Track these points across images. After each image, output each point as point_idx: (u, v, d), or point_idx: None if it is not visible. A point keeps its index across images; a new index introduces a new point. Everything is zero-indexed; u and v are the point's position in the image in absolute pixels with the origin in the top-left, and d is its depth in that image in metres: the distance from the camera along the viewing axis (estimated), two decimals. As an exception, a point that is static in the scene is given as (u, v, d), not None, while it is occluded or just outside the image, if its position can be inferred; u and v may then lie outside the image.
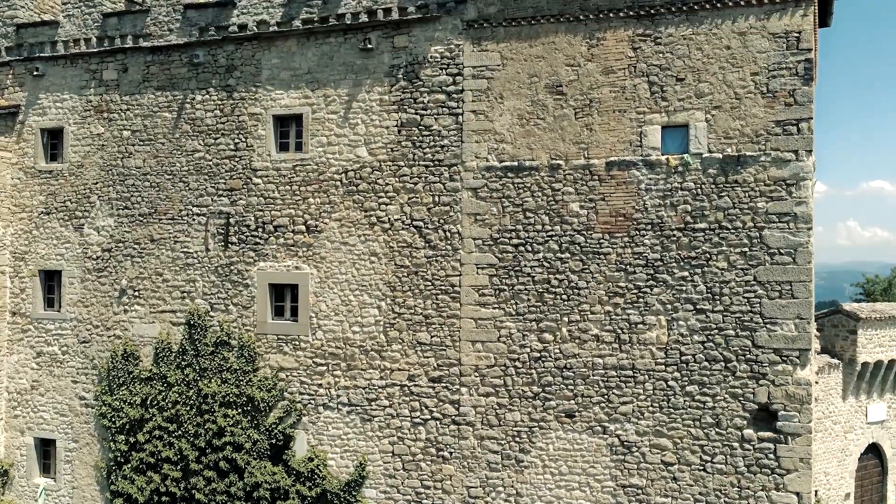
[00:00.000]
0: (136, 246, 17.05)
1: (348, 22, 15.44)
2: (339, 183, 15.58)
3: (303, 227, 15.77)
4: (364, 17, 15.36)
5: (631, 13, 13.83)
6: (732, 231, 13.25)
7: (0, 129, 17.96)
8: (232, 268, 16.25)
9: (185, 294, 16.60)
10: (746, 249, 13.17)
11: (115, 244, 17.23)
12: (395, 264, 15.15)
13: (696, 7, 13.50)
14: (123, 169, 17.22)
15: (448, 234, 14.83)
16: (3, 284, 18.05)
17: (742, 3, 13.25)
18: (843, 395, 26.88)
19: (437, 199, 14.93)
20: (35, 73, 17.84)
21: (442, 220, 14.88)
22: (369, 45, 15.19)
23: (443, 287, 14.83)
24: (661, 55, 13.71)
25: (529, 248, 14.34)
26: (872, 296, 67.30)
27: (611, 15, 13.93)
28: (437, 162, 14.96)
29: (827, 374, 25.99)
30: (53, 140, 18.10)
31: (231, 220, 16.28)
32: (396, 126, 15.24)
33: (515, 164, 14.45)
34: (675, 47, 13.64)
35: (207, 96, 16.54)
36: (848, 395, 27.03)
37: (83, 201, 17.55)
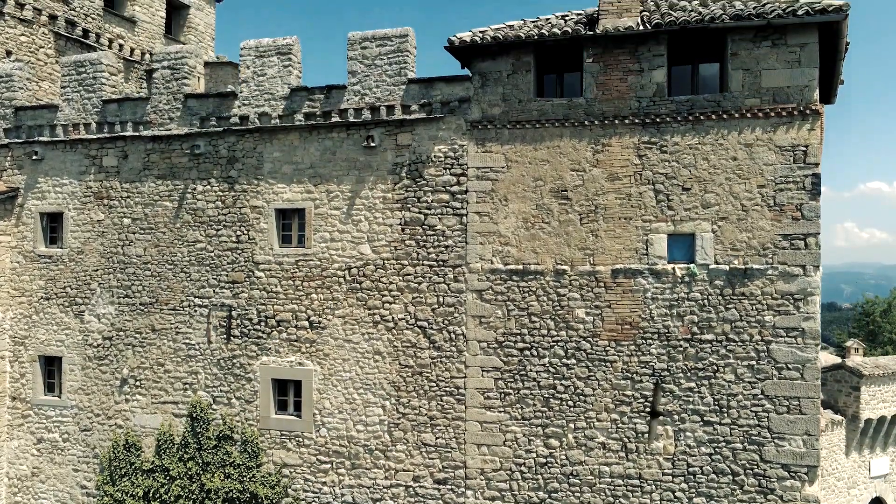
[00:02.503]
0: (137, 335, 16.92)
1: (351, 118, 15.34)
2: (342, 279, 15.47)
3: (306, 323, 15.66)
4: (367, 114, 15.26)
5: (636, 120, 13.75)
6: (740, 344, 13.18)
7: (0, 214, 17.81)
8: (234, 361, 16.13)
9: (187, 386, 16.48)
10: (754, 363, 13.10)
11: (116, 332, 17.09)
12: (400, 364, 15.05)
13: (701, 117, 13.43)
14: (124, 257, 17.08)
15: (453, 335, 14.73)
16: (3, 369, 17.90)
17: (748, 114, 13.19)
18: (846, 450, 26.92)
19: (441, 299, 14.83)
20: (34, 156, 17.70)
21: (447, 322, 14.78)
22: (372, 143, 15.09)
23: (448, 388, 14.74)
24: (666, 164, 13.64)
25: (535, 353, 14.25)
26: (872, 316, 67.49)
27: (616, 122, 13.85)
28: (441, 262, 14.86)
29: (830, 430, 26.02)
30: (53, 224, 17.96)
31: (233, 313, 16.15)
32: (400, 224, 15.13)
33: (520, 267, 14.35)
34: (681, 156, 13.56)
35: (209, 187, 16.42)
36: (851, 451, 27.06)
37: (83, 288, 17.41)
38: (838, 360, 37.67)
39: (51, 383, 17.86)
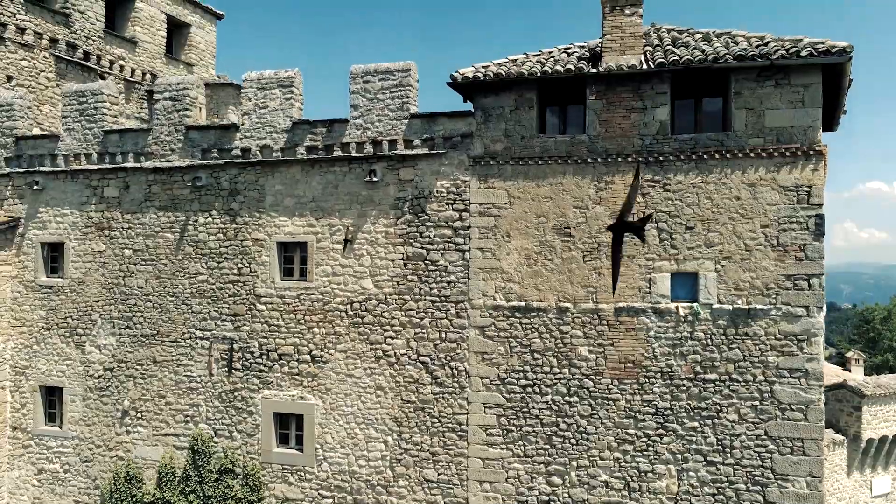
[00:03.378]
0: (138, 367, 16.87)
1: (353, 152, 15.31)
2: (344, 314, 15.44)
3: (308, 357, 15.62)
4: (369, 148, 15.24)
5: (640, 158, 13.72)
6: (743, 384, 13.14)
7: (0, 243, 17.75)
8: (236, 394, 16.09)
9: (188, 418, 16.43)
10: (757, 403, 13.07)
11: (118, 364, 17.05)
12: (402, 399, 15.01)
13: (705, 156, 13.40)
14: (125, 288, 17.04)
15: (455, 371, 14.70)
16: (4, 399, 17.86)
17: (752, 154, 13.16)
18: (847, 470, 26.86)
19: (443, 335, 14.80)
20: (35, 186, 17.66)
21: (449, 357, 14.74)
22: (374, 178, 15.06)
23: (450, 425, 14.70)
24: (669, 202, 13.61)
25: (537, 390, 14.22)
26: (872, 323, 67.52)
27: (619, 159, 13.82)
28: (443, 298, 14.82)
29: (832, 450, 25.95)
30: (54, 254, 17.92)
31: (235, 346, 16.11)
32: (402, 259, 15.10)
33: (523, 304, 14.32)
34: (684, 195, 13.54)
35: (210, 219, 16.38)
36: (853, 471, 27.01)
37: (84, 318, 17.37)
38: (838, 369, 37.72)
39: (52, 413, 17.82)
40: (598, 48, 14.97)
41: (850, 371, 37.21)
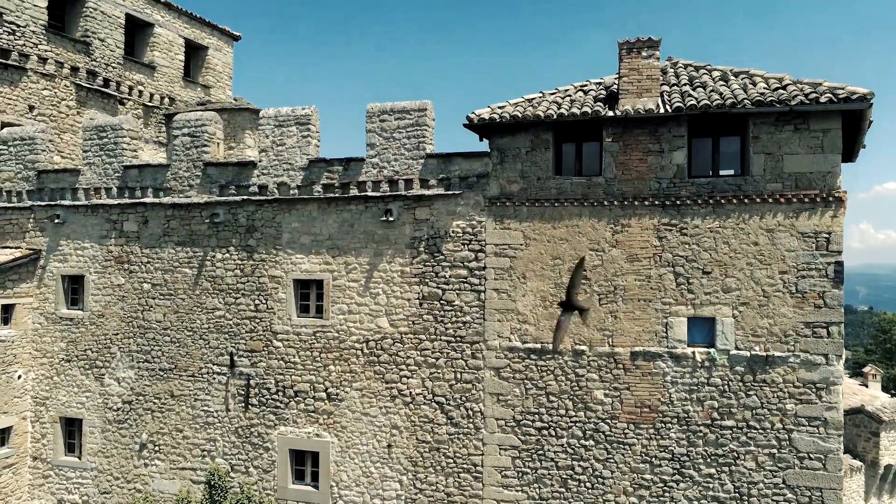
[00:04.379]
0: (156, 400, 17.05)
1: (369, 191, 15.38)
2: (360, 352, 15.50)
3: (324, 395, 15.70)
4: (385, 187, 15.30)
5: (656, 202, 13.66)
6: (761, 431, 13.04)
7: (22, 276, 18.01)
8: (252, 430, 16.20)
9: (205, 452, 16.57)
10: (775, 451, 12.96)
11: (136, 397, 17.23)
12: (417, 439, 15.04)
13: (722, 200, 13.32)
14: (144, 322, 17.22)
15: (470, 412, 14.71)
16: (25, 429, 18.11)
17: (770, 199, 13.06)
18: (865, 496, 26.53)
19: (459, 375, 14.82)
20: (56, 219, 17.90)
21: (464, 398, 14.76)
22: (391, 217, 15.11)
23: (465, 466, 14.71)
24: (687, 246, 13.54)
25: (553, 433, 14.19)
26: (889, 334, 66.69)
27: (635, 202, 13.78)
28: (458, 338, 14.84)
29: (849, 477, 25.65)
30: (74, 286, 18.15)
31: (251, 382, 16.23)
32: (418, 299, 15.14)
33: (538, 346, 14.30)
34: (702, 239, 13.46)
35: (228, 255, 16.52)
36: (870, 497, 26.66)
37: (104, 351, 17.58)
38: (855, 384, 37.20)
39: (71, 444, 18.04)
40: (615, 86, 14.96)
41: (867, 387, 36.78)
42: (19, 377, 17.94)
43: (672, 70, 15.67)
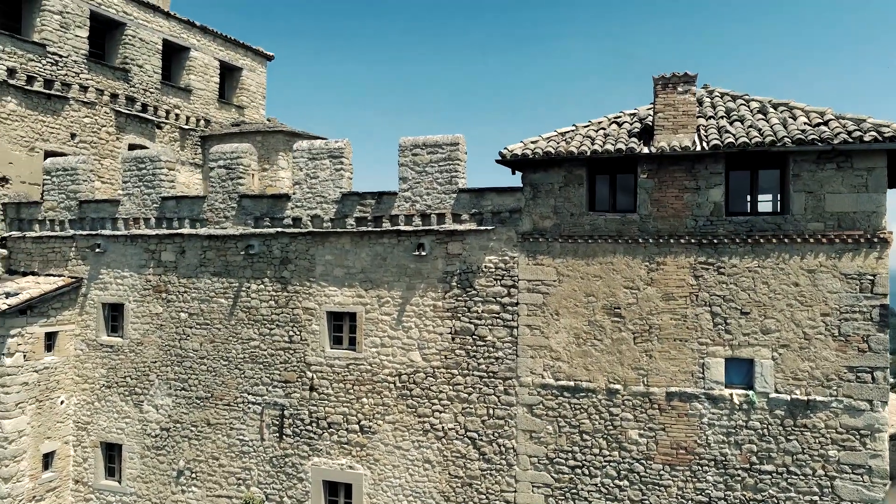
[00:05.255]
0: (193, 428, 17.34)
1: (401, 225, 15.42)
2: (392, 385, 15.55)
3: (356, 427, 15.79)
4: (417, 221, 15.32)
5: (692, 240, 13.43)
6: (801, 477, 12.72)
7: (65, 303, 18.49)
8: (286, 460, 16.37)
9: (240, 481, 16.80)
10: (817, 499, 12.64)
11: (174, 424, 17.55)
12: (449, 474, 15.03)
13: (761, 240, 13.03)
14: (181, 350, 17.54)
15: (503, 448, 14.64)
16: (67, 453, 18.58)
17: (811, 239, 12.74)
18: (910, 525, 25.61)
19: (491, 411, 14.77)
20: (97, 249, 18.32)
21: (497, 434, 14.70)
22: (423, 252, 15.12)
23: (497, 502, 14.64)
24: (724, 286, 13.28)
25: (586, 472, 14.05)
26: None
27: (671, 240, 13.56)
28: (491, 374, 14.79)
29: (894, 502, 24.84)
30: (114, 313, 18.56)
31: (285, 412, 16.40)
32: (450, 333, 15.13)
33: (572, 384, 14.18)
34: (740, 279, 13.19)
35: (262, 286, 16.73)
36: (916, 526, 25.73)
37: (143, 378, 17.95)
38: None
39: (111, 468, 18.46)
40: (649, 118, 14.76)
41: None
42: (62, 402, 18.42)
43: (708, 100, 15.40)
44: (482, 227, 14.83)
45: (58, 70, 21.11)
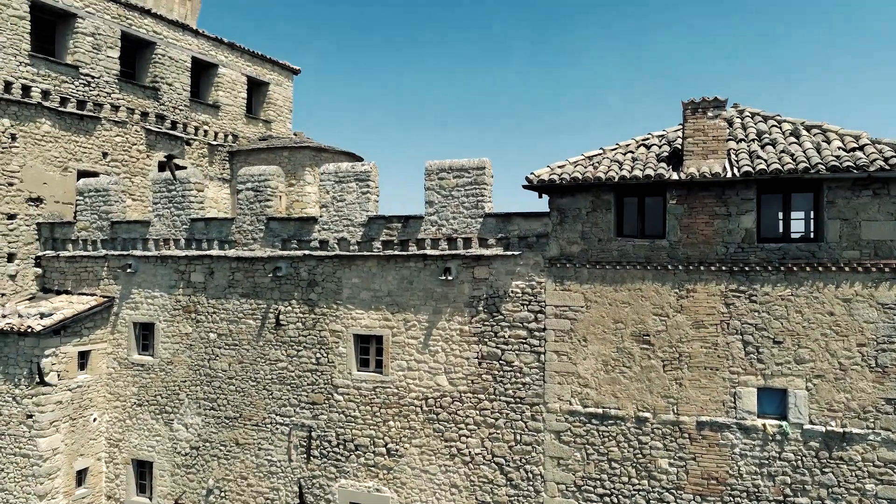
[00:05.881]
0: (222, 447, 17.53)
1: (428, 249, 15.42)
2: (419, 409, 15.56)
3: (383, 450, 15.83)
4: (444, 245, 15.31)
5: (723, 267, 13.22)
6: (837, 511, 12.45)
7: (97, 322, 18.82)
8: (314, 481, 16.47)
9: (269, 501, 16.94)
10: (853, 533, 12.36)
11: (203, 443, 17.77)
12: (476, 499, 14.99)
13: (794, 268, 12.78)
14: (210, 370, 17.75)
15: (530, 475, 14.56)
16: (100, 470, 18.92)
17: (846, 268, 12.46)
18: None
19: (518, 437, 14.70)
20: (128, 269, 18.62)
21: (524, 460, 14.62)
22: (449, 276, 15.11)
23: (525, 528, 14.57)
24: (756, 314, 13.05)
25: (615, 500, 13.91)
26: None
27: (701, 267, 13.37)
28: (518, 399, 14.72)
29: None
30: (145, 332, 18.85)
31: (313, 434, 16.51)
32: (477, 358, 15.09)
33: (600, 411, 14.05)
34: (772, 307, 12.95)
35: (290, 308, 16.85)
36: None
37: (173, 397, 18.20)
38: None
39: (143, 485, 18.75)
40: (678, 140, 14.57)
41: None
42: (94, 420, 18.75)
43: (739, 120, 15.16)
44: (509, 253, 14.76)
45: (90, 91, 21.50)
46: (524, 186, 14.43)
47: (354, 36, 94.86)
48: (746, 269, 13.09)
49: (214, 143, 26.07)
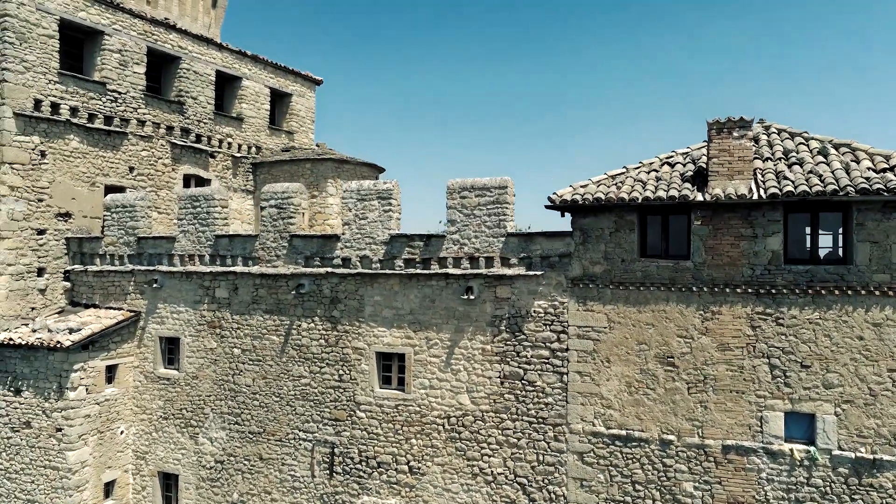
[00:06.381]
0: (246, 461, 17.71)
1: (450, 267, 15.43)
2: (441, 428, 15.58)
3: (405, 468, 15.87)
4: (466, 264, 15.31)
5: (749, 290, 13.05)
6: (867, 539, 12.23)
7: (124, 336, 19.12)
8: (337, 497, 16.56)
9: (292, 516, 17.08)
10: (883, 562, 12.13)
11: (227, 457, 17.96)
12: (499, 519, 14.98)
13: (822, 291, 12.58)
14: (234, 385, 17.94)
15: (553, 496, 14.51)
16: (126, 481, 19.21)
17: (877, 291, 12.24)
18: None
19: (541, 457, 14.65)
20: (154, 284, 18.89)
21: (546, 481, 14.57)
22: (471, 296, 15.10)
23: (547, 549, 14.52)
24: (783, 337, 12.87)
25: (639, 523, 13.80)
26: None
27: (726, 289, 13.21)
28: (540, 419, 14.67)
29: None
30: (171, 346, 19.10)
31: (336, 450, 16.61)
32: (499, 377, 15.07)
33: (624, 433, 13.95)
34: (800, 331, 12.76)
35: (313, 325, 16.97)
36: None
37: (198, 411, 18.42)
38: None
39: (168, 497, 18.99)
40: (703, 159, 14.42)
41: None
42: (122, 433, 19.05)
43: (765, 137, 14.97)
44: (531, 272, 14.72)
45: (117, 106, 21.84)
46: (546, 206, 14.37)
47: (371, 45, 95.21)
48: (773, 291, 12.91)
49: (238, 155, 26.33)
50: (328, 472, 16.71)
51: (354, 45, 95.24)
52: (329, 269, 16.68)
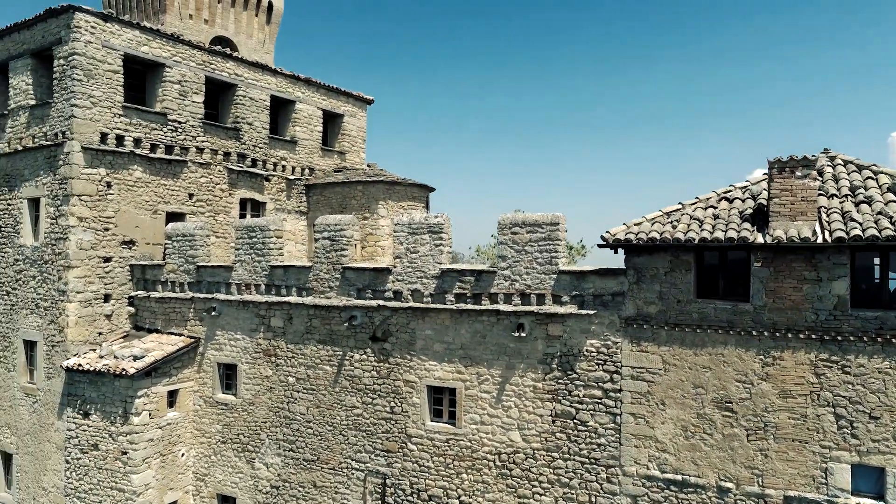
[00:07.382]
0: (300, 488, 18.06)
1: (501, 303, 15.38)
2: (492, 464, 15.55)
3: (456, 502, 15.89)
4: (517, 300, 15.22)
5: (813, 335, 12.57)
6: None
7: (185, 362, 19.75)
8: (388, 528, 16.74)
9: (345, 544, 17.33)
10: None
11: (282, 483, 18.35)
12: (550, 559, 14.85)
13: (892, 339, 12.00)
14: (289, 413, 18.30)
15: (606, 538, 14.30)
16: (187, 502, 19.84)
17: (952, 342, 11.60)
18: None
19: (593, 499, 14.45)
20: (213, 312, 19.44)
21: (599, 523, 14.38)
22: (522, 333, 15.01)
23: (600, 592, 14.32)
24: (850, 386, 12.34)
25: (695, 571, 13.47)
26: None
27: (788, 334, 12.75)
28: (593, 460, 14.48)
29: None
30: (228, 372, 19.64)
31: (387, 482, 16.76)
32: (551, 416, 14.94)
33: (679, 478, 13.63)
34: (868, 380, 12.21)
35: (365, 357, 17.17)
36: None
37: (254, 437, 18.88)
38: None
39: (226, 519, 19.54)
40: (763, 195, 13.95)
41: None
42: (182, 455, 19.69)
43: (830, 170, 14.39)
44: (583, 312, 14.53)
45: (177, 136, 22.56)
46: (600, 245, 14.17)
47: (429, 65, 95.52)
48: (839, 338, 12.39)
49: (292, 177, 26.84)
50: (380, 502, 16.88)
51: (401, 65, 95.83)
52: (381, 303, 16.84)
